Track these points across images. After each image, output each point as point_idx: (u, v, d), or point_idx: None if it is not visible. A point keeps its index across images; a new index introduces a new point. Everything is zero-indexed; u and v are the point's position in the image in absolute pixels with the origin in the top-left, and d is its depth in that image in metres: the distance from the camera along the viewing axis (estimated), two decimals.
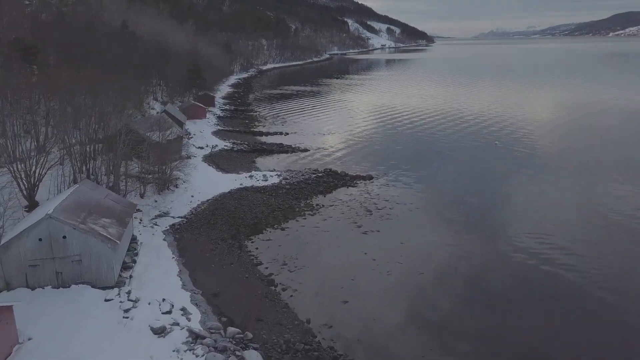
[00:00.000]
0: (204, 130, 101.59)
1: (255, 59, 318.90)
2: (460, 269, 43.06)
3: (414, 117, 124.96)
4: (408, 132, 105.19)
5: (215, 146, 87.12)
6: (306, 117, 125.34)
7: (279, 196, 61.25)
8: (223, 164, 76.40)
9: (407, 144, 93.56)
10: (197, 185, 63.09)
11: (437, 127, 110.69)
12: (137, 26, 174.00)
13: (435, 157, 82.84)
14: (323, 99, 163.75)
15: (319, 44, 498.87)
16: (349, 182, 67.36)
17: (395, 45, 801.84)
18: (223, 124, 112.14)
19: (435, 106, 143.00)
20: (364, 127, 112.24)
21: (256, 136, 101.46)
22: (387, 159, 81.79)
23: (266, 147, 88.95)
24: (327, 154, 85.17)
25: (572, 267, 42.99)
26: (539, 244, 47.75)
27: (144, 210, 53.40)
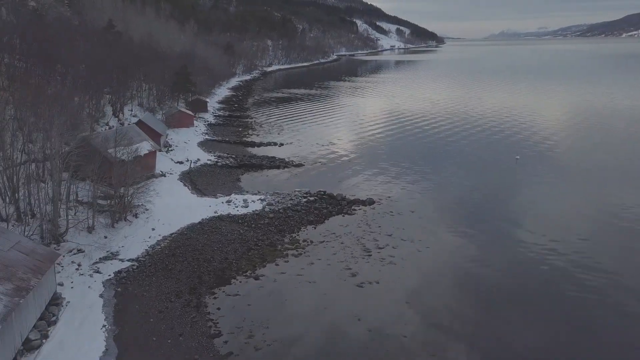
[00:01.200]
0: (189, 140, 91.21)
1: (260, 60, 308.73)
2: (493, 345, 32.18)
3: (425, 125, 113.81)
4: (418, 144, 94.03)
5: (197, 161, 76.62)
6: (306, 125, 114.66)
7: (259, 228, 50.55)
8: (201, 184, 65.85)
9: (415, 158, 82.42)
10: (162, 213, 52.52)
11: (450, 138, 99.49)
12: (130, 27, 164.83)
13: (448, 176, 71.71)
14: (326, 104, 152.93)
15: (327, 44, 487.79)
16: (346, 209, 56.50)
17: (405, 46, 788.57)
18: (213, 132, 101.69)
19: (447, 113, 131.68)
20: (368, 137, 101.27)
21: (247, 147, 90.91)
22: (392, 177, 70.82)
23: (255, 161, 78.31)
24: (323, 171, 74.35)
25: (589, 274, 41.99)
26: (560, 254, 42.80)
27: (87, 251, 42.89)
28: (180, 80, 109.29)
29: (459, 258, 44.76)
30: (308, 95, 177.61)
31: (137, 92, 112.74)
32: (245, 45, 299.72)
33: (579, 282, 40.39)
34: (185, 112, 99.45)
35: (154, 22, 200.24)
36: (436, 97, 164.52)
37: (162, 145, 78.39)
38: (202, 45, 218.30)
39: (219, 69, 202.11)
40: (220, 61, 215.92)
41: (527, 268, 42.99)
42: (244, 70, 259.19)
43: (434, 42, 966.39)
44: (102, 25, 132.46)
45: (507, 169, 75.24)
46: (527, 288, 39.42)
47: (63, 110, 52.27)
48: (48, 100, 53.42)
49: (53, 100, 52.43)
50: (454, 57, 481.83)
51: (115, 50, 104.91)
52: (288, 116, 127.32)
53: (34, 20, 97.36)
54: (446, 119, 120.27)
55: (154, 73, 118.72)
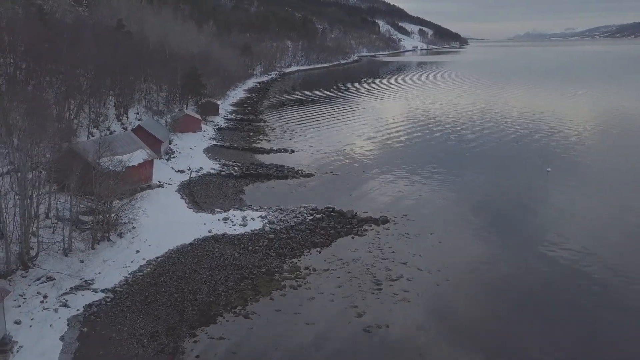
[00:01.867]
0: (195, 146, 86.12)
1: (278, 61, 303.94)
2: None
3: (447, 131, 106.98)
4: (439, 153, 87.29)
5: (199, 169, 71.36)
6: (320, 130, 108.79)
7: (256, 251, 44.83)
8: (200, 196, 60.46)
9: (436, 169, 75.81)
10: (151, 232, 47.18)
11: (475, 146, 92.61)
12: (145, 27, 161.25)
13: (472, 191, 65.07)
14: (343, 107, 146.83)
15: (347, 45, 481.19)
16: (356, 229, 50.44)
17: (428, 47, 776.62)
18: (221, 138, 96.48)
19: (470, 118, 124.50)
20: (386, 143, 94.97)
21: (256, 154, 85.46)
22: (409, 190, 64.47)
23: (262, 170, 72.69)
24: (334, 182, 68.37)
25: (610, 280, 40.71)
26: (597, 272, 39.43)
27: (57, 279, 37.68)
28: (190, 82, 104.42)
29: (485, 295, 38.38)
30: (325, 97, 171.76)
31: (146, 94, 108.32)
32: (264, 46, 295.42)
33: (613, 295, 38.43)
34: (192, 115, 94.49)
35: (170, 22, 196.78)
36: (459, 101, 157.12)
37: (163, 153, 73.39)
38: (218, 46, 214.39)
39: (236, 70, 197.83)
40: (236, 62, 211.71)
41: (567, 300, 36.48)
42: (262, 72, 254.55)
43: (457, 43, 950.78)
44: (114, 25, 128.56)
45: (538, 184, 68.23)
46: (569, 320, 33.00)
47: (43, 115, 47.39)
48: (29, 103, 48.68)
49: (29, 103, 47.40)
50: (478, 59, 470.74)
51: (122, 50, 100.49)
52: (302, 120, 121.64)
53: (34, 20, 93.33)
54: (470, 125, 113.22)
55: (164, 74, 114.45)
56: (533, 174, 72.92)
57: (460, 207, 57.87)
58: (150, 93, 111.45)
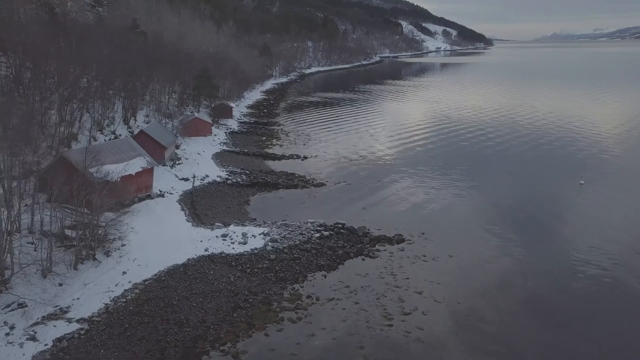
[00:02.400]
0: (204, 151, 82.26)
1: (298, 62, 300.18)
2: None
3: (471, 137, 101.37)
4: (461, 162, 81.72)
5: (204, 177, 67.33)
6: (336, 134, 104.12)
7: (255, 274, 40.43)
8: (202, 208, 56.36)
9: (457, 180, 70.49)
10: (142, 250, 43.13)
11: (501, 154, 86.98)
12: (162, 27, 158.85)
13: (498, 206, 59.68)
14: (361, 110, 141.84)
15: (369, 46, 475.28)
16: (368, 249, 45.69)
17: (452, 48, 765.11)
18: (232, 142, 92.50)
19: (496, 123, 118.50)
20: (405, 150, 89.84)
21: (267, 160, 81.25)
22: (429, 203, 59.43)
23: (271, 178, 68.35)
24: (347, 193, 63.62)
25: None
26: None
27: (30, 306, 33.83)
28: (202, 84, 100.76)
29: (512, 335, 33.27)
30: (343, 99, 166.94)
31: (158, 96, 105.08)
32: (284, 46, 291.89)
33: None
34: (202, 119, 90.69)
35: (188, 22, 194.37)
36: (483, 105, 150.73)
37: (167, 159, 69.58)
38: (236, 47, 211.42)
39: (254, 71, 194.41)
40: (255, 63, 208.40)
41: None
42: (281, 73, 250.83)
43: (482, 44, 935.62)
44: (128, 25, 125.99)
45: (570, 198, 62.49)
46: None
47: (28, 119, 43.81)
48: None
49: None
50: (504, 60, 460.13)
51: (133, 50, 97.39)
52: (318, 124, 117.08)
53: (43, 19, 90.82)
54: (494, 131, 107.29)
55: (177, 75, 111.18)
56: (564, 185, 67.16)
57: (484, 224, 52.61)
58: (162, 95, 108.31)
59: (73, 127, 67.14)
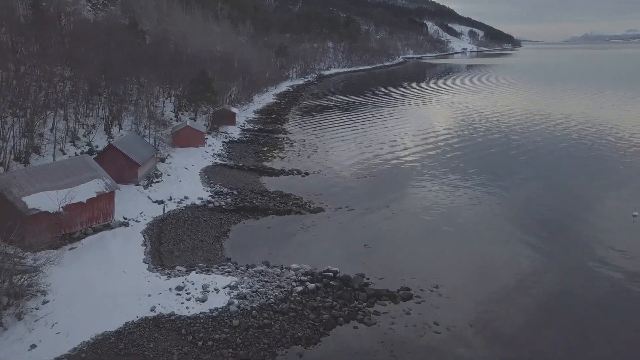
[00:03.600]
0: (192, 165, 72.66)
1: (317, 63, 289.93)
2: None
3: (497, 152, 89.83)
4: (496, 187, 70.52)
5: (183, 199, 57.58)
6: (347, 144, 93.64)
7: (207, 349, 30.35)
8: (169, 242, 46.53)
9: (481, 212, 59.34)
10: (69, 308, 33.37)
11: (534, 179, 75.39)
12: (172, 27, 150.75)
13: (530, 252, 48.52)
14: (377, 116, 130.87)
15: (392, 46, 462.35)
16: (364, 310, 35.20)
17: (478, 49, 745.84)
18: (228, 154, 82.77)
19: (527, 136, 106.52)
20: (423, 168, 78.83)
21: (262, 176, 71.28)
22: (446, 241, 48.58)
23: (261, 202, 58.24)
24: (348, 222, 53.14)
25: None
26: None
27: None
28: (198, 89, 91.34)
29: None
30: (360, 103, 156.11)
31: (151, 101, 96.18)
32: (303, 47, 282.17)
33: None
34: (194, 128, 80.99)
35: (200, 22, 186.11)
36: (511, 113, 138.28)
37: (142, 178, 60.02)
38: (251, 47, 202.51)
39: (268, 72, 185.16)
40: (270, 64, 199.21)
41: None
42: (298, 74, 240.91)
43: (509, 44, 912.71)
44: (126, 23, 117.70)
45: (623, 235, 50.94)
46: None
47: None
48: None
49: None
50: (533, 62, 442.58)
51: (122, 50, 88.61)
52: (328, 132, 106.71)
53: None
54: (527, 147, 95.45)
55: (176, 78, 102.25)
56: (616, 218, 55.42)
57: (512, 278, 41.53)
58: (157, 100, 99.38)
59: (32, 138, 58.18)
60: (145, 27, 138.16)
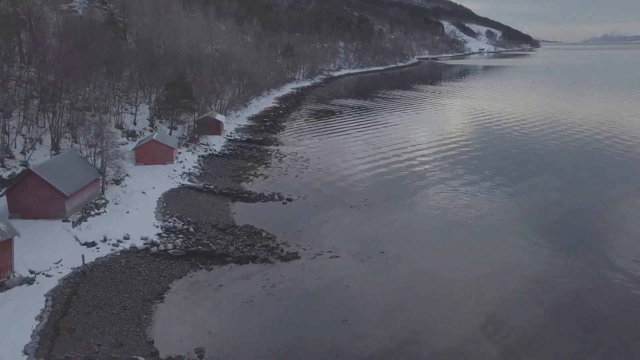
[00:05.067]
0: (154, 188, 60.59)
1: (327, 63, 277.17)
2: None
3: (523, 159, 76.58)
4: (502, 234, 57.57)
5: (120, 241, 45.28)
6: (344, 159, 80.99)
7: None
8: (80, 310, 34.33)
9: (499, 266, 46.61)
10: None
11: (554, 210, 62.24)
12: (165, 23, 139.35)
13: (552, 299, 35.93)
14: (385, 124, 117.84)
15: (407, 47, 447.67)
16: None
17: (495, 50, 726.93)
18: (201, 172, 70.56)
19: (546, 153, 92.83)
20: (426, 197, 65.89)
21: (235, 202, 59.04)
22: (447, 322, 35.89)
23: (222, 243, 45.85)
24: (328, 283, 40.38)
25: None
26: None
27: None
28: (174, 94, 79.30)
29: None
30: (366, 109, 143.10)
31: (120, 109, 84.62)
32: (313, 46, 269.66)
33: None
34: (160, 142, 68.70)
35: (201, 19, 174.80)
36: (528, 117, 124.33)
37: (71, 212, 47.84)
38: (254, 47, 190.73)
39: (272, 74, 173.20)
40: (274, 65, 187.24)
41: None
42: (305, 75, 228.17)
43: (527, 45, 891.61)
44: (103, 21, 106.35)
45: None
46: None
47: None
48: None
49: None
50: (553, 63, 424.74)
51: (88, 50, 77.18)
52: (325, 142, 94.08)
53: None
54: (545, 150, 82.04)
55: (154, 81, 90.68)
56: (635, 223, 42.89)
57: (526, 281, 29.20)
58: (133, 105, 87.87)
59: None
60: (133, 24, 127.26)
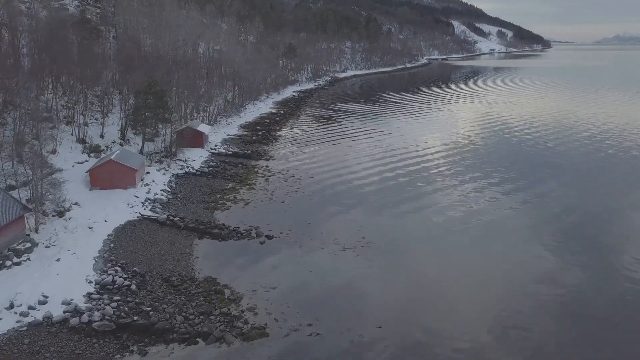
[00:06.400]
0: (105, 222, 49.76)
1: (333, 64, 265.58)
2: None
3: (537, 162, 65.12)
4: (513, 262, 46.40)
5: (36, 305, 34.37)
6: (342, 179, 69.80)
7: None
8: None
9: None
10: None
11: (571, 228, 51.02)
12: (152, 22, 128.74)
13: None
14: (391, 133, 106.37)
15: (416, 47, 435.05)
16: None
17: (506, 50, 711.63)
18: (169, 197, 59.43)
19: (562, 144, 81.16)
20: (425, 230, 54.66)
21: (202, 240, 48.07)
22: None
23: (165, 311, 34.86)
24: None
25: None
26: None
27: None
28: (143, 104, 68.20)
29: None
30: (371, 115, 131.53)
31: (89, 120, 73.95)
32: (318, 47, 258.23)
33: None
34: (120, 163, 57.53)
35: (196, 18, 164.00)
36: (540, 121, 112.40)
37: None
38: (253, 47, 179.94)
39: (274, 76, 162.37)
40: (275, 66, 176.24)
41: None
42: (309, 77, 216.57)
43: (539, 45, 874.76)
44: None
45: None
46: None
47: None
48: None
49: None
50: (565, 64, 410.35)
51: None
52: (321, 156, 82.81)
53: None
54: (558, 154, 70.45)
55: (130, 87, 79.89)
56: None
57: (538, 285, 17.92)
58: (105, 114, 77.14)
59: None
60: (119, 23, 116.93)
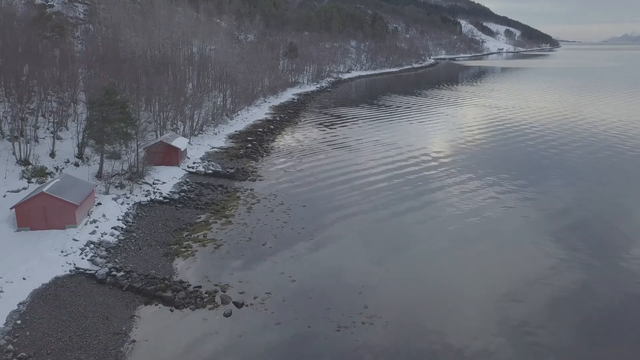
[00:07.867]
0: (21, 281, 37.24)
1: (336, 65, 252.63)
2: None
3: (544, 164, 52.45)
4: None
5: None
6: (341, 211, 57.01)
7: None
8: None
9: None
10: None
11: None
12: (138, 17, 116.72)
13: None
14: (400, 146, 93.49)
15: (423, 46, 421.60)
16: None
17: (514, 49, 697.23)
18: (119, 240, 46.63)
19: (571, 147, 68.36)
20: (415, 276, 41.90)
21: (149, 308, 35.37)
22: None
23: None
24: None
25: None
26: None
27: None
28: (99, 119, 55.36)
29: None
30: (375, 121, 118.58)
31: (34, 136, 61.43)
32: (321, 47, 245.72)
33: None
34: (54, 197, 44.45)
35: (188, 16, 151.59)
36: (549, 126, 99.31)
37: None
38: (251, 48, 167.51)
39: (269, 78, 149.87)
40: (273, 67, 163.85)
41: None
42: (310, 79, 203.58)
43: (547, 45, 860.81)
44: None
45: None
46: None
47: None
48: None
49: None
50: (575, 64, 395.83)
51: None
52: (316, 174, 69.93)
53: None
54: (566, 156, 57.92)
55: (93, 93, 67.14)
56: None
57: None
58: (59, 128, 64.64)
59: None
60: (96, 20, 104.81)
